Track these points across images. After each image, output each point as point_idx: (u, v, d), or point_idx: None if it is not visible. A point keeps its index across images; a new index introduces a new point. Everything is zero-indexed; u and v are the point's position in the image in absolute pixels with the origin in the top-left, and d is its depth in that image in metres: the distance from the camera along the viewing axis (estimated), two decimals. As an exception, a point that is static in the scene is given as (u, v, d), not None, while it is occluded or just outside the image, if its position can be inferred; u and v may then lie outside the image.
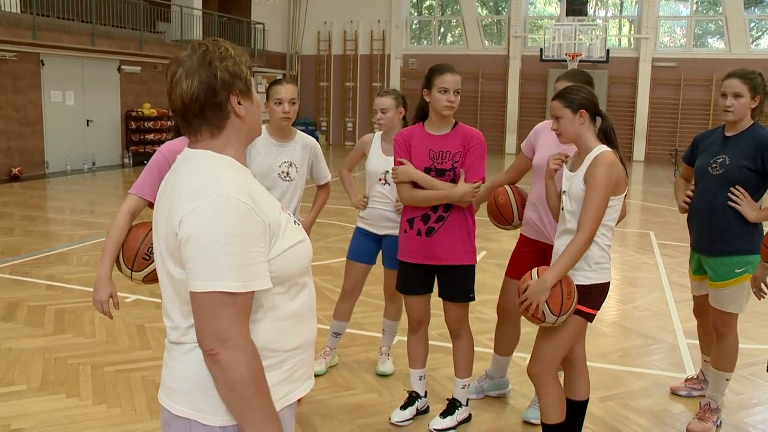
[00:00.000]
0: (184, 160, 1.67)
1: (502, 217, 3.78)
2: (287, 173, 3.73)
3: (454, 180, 3.37)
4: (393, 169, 3.53)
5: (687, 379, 4.21)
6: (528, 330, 4.25)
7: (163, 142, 14.25)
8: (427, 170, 3.41)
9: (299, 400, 3.96)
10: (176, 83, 1.62)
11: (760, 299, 3.39)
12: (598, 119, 3.07)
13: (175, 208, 1.56)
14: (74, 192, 12.69)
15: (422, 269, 3.51)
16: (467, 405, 3.72)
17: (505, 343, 3.95)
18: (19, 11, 13.87)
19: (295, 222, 1.73)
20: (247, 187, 1.60)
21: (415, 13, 24.88)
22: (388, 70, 23.68)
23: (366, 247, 4.22)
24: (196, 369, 1.61)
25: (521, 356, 4.52)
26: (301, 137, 3.86)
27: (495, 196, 3.79)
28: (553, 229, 3.54)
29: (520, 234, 3.80)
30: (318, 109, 24.72)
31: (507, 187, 3.80)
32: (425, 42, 24.63)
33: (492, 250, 7.87)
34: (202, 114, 1.64)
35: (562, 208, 3.06)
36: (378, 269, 4.34)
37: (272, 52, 23.31)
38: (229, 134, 1.68)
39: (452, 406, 3.67)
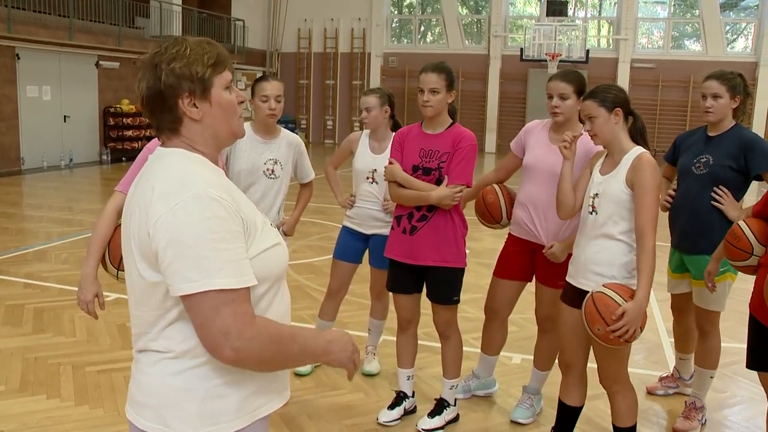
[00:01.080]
0: (156, 159, 1.62)
1: (491, 216, 3.77)
2: (272, 171, 3.71)
3: (440, 180, 3.36)
4: (385, 168, 3.55)
5: (662, 378, 4.24)
6: (514, 329, 4.25)
7: (141, 138, 13.99)
8: (415, 168, 3.40)
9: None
10: (137, 86, 1.61)
11: (712, 292, 3.47)
12: (629, 119, 2.99)
13: (148, 208, 1.51)
14: (51, 189, 12.50)
15: (409, 269, 3.50)
16: (455, 405, 3.71)
17: (493, 342, 3.94)
18: (-6, 4, 13.63)
19: (271, 224, 1.69)
20: (223, 184, 1.56)
21: (396, 12, 24.85)
22: (369, 69, 23.62)
23: (353, 246, 4.19)
24: (164, 382, 1.56)
25: (508, 355, 4.52)
26: (286, 135, 3.84)
27: (483, 194, 3.78)
28: (543, 229, 3.54)
29: (509, 233, 3.79)
30: (298, 107, 24.59)
31: (496, 185, 3.79)
32: (405, 41, 24.61)
33: (474, 249, 7.87)
34: (155, 118, 1.61)
35: (592, 212, 2.95)
36: (363, 268, 4.31)
37: (252, 50, 23.14)
38: (190, 137, 1.61)
39: (440, 406, 3.65)
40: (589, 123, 2.95)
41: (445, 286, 3.49)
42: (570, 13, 21.69)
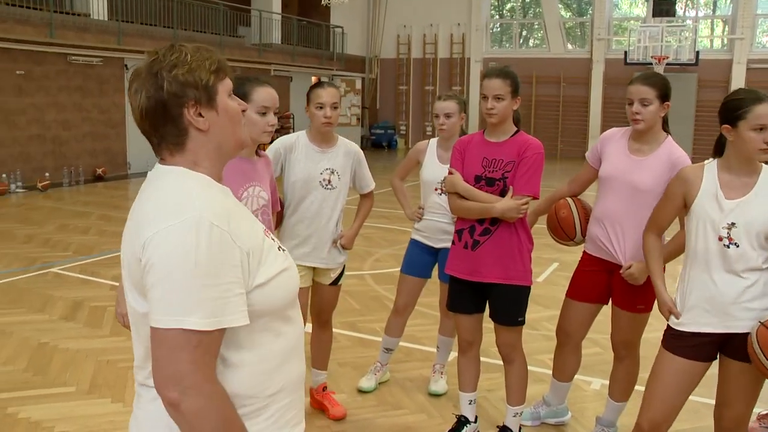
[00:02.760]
0: (154, 178, 1.49)
1: (564, 233, 3.49)
2: (329, 181, 3.54)
3: (504, 191, 3.12)
4: (445, 178, 3.36)
5: (760, 417, 3.79)
6: (591, 352, 3.93)
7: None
8: (477, 178, 3.18)
9: (340, 417, 3.75)
10: (131, 98, 1.47)
11: None
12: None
13: (140, 230, 1.39)
14: (153, 193, 12.98)
15: (471, 287, 3.27)
16: (520, 433, 3.45)
17: (565, 367, 3.64)
18: (106, 18, 14.36)
19: (279, 248, 1.54)
20: (224, 208, 1.42)
21: (497, 16, 24.45)
22: (468, 74, 23.35)
23: (421, 260, 4.01)
24: (164, 420, 1.43)
25: (587, 380, 4.21)
26: (344, 143, 3.66)
27: (556, 209, 3.51)
28: (621, 248, 3.24)
29: (584, 251, 3.49)
30: (397, 113, 24.65)
31: (569, 199, 3.51)
32: (507, 45, 24.16)
33: (565, 262, 7.49)
34: (156, 131, 1.47)
35: (730, 245, 2.56)
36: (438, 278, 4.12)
37: (351, 56, 23.38)
38: (195, 151, 1.48)
39: (503, 434, 3.41)
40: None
41: (509, 305, 3.25)
42: (679, 12, 20.61)
